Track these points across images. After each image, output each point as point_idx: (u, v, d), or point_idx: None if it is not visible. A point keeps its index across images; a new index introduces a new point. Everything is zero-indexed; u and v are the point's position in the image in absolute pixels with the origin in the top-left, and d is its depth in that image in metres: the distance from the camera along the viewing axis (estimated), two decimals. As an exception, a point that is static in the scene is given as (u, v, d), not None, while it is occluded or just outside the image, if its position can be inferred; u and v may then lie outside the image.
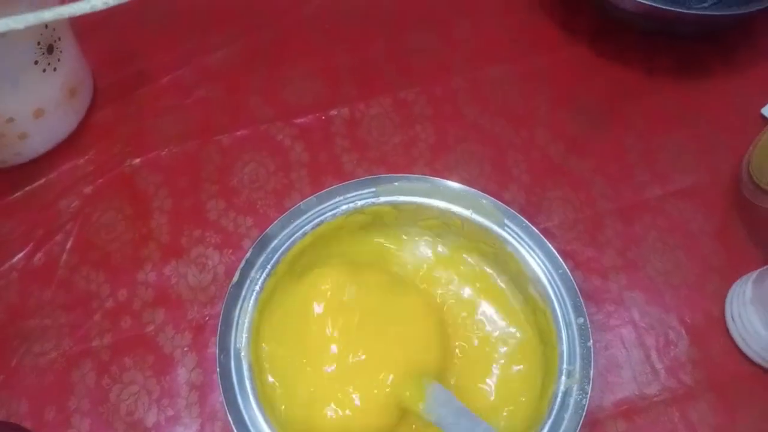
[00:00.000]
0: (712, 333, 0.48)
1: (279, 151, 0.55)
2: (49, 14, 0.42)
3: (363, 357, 0.37)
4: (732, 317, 0.47)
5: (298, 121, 0.56)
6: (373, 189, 0.43)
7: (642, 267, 0.50)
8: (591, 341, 0.40)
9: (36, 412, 0.45)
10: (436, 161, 0.54)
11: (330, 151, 0.55)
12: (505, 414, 0.40)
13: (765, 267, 0.46)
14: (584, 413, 0.35)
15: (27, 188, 0.53)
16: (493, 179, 0.53)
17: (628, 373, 0.47)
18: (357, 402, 0.36)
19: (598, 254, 0.51)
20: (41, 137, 0.53)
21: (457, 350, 0.42)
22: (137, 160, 0.55)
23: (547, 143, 0.56)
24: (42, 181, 0.54)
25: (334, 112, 0.57)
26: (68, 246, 0.51)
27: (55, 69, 0.50)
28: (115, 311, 0.49)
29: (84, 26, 0.54)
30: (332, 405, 0.36)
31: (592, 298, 0.49)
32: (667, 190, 0.53)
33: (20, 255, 0.51)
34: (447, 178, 0.47)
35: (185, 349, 0.47)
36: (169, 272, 0.50)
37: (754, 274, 0.47)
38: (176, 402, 0.45)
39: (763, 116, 0.56)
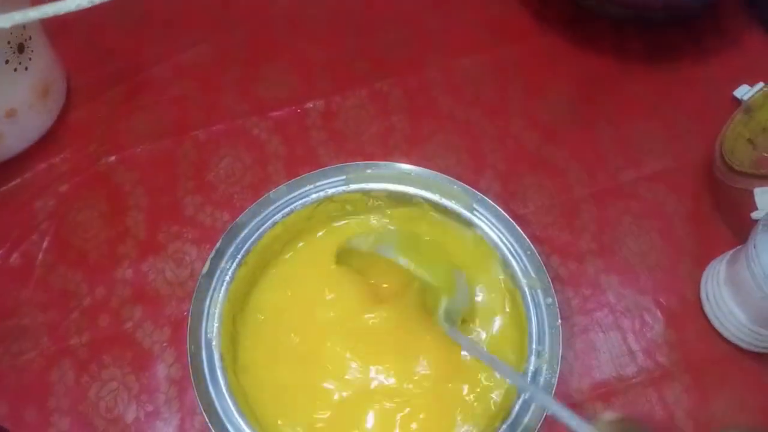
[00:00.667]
0: (688, 314, 0.49)
1: (255, 145, 0.55)
2: (34, 13, 0.42)
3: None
4: (707, 298, 0.48)
5: (274, 114, 0.56)
6: (343, 177, 0.43)
7: (617, 251, 0.51)
8: (559, 321, 0.40)
9: (16, 413, 0.45)
10: (412, 151, 0.55)
11: (306, 143, 0.55)
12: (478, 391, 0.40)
13: (738, 247, 0.46)
14: (553, 391, 0.36)
15: (2, 189, 0.53)
16: (469, 168, 0.54)
17: (606, 355, 0.47)
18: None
19: (573, 239, 0.51)
20: (15, 137, 0.52)
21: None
22: (113, 158, 0.55)
23: (522, 132, 0.56)
24: (17, 181, 0.53)
25: (309, 105, 0.57)
26: (45, 245, 0.51)
27: (26, 68, 0.50)
28: (93, 309, 0.49)
29: (56, 26, 0.54)
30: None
31: (568, 283, 0.49)
32: (641, 174, 0.54)
33: (-4, 255, 0.50)
34: (422, 167, 0.47)
35: (164, 344, 0.47)
36: (147, 268, 0.50)
37: (728, 255, 0.47)
38: (156, 397, 0.45)
39: (735, 98, 0.56)
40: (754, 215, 0.46)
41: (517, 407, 0.36)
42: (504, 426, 0.35)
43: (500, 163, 0.54)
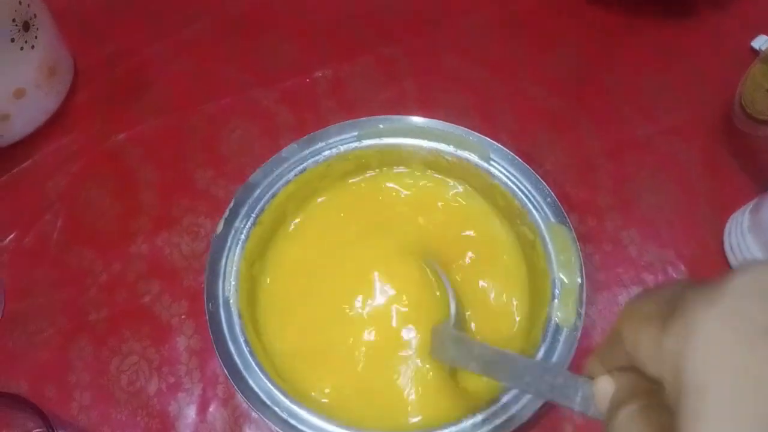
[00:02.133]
0: (711, 265, 0.48)
1: (264, 117, 0.54)
2: None
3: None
4: (731, 247, 0.47)
5: (282, 85, 0.56)
6: (356, 133, 0.42)
7: (636, 205, 0.50)
8: (583, 269, 0.39)
9: (36, 391, 0.45)
10: (423, 115, 0.54)
11: (316, 112, 0.54)
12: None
13: (761, 195, 0.45)
14: (578, 335, 0.35)
15: (13, 171, 0.53)
16: (482, 129, 0.52)
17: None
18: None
19: (591, 196, 0.50)
20: (23, 118, 0.52)
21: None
22: (121, 136, 0.54)
23: (533, 89, 0.55)
24: (28, 162, 0.53)
25: (318, 74, 0.56)
26: (58, 225, 0.51)
27: (33, 47, 0.50)
28: (109, 285, 0.48)
29: (58, 8, 0.54)
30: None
31: (589, 240, 0.48)
32: (657, 128, 0.53)
33: (11, 237, 0.50)
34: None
35: (182, 317, 0.47)
36: (162, 243, 0.50)
37: (751, 204, 0.46)
38: (177, 369, 0.45)
39: (752, 49, 0.55)
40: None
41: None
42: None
43: (513, 123, 0.53)
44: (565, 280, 0.36)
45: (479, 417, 0.32)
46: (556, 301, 0.35)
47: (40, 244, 0.50)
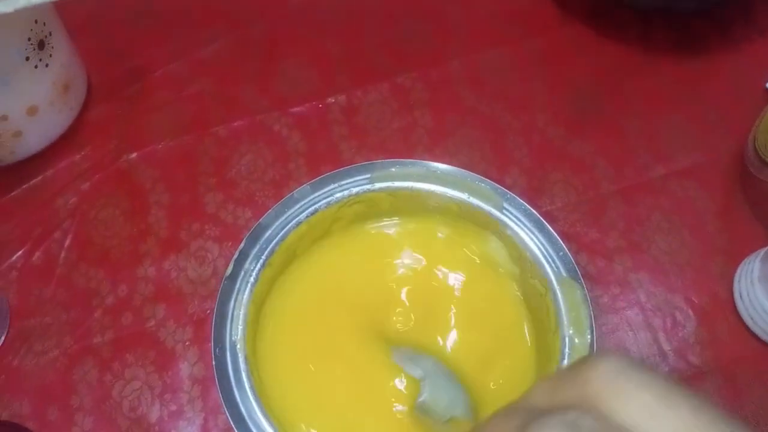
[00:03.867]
0: (720, 313, 0.47)
1: (276, 142, 0.54)
2: None
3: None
4: (740, 296, 0.46)
5: (295, 110, 0.56)
6: (368, 175, 0.42)
7: (647, 248, 0.50)
8: (593, 324, 0.38)
9: (39, 412, 0.45)
10: (435, 147, 0.54)
11: (328, 139, 0.54)
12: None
13: (772, 244, 0.45)
14: None
15: (24, 187, 0.53)
16: (494, 164, 0.53)
17: (636, 355, 0.46)
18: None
19: (602, 236, 0.50)
20: (36, 135, 0.52)
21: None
22: (133, 155, 0.54)
23: (547, 126, 0.55)
24: (38, 179, 0.53)
25: (331, 100, 0.56)
26: (67, 243, 0.51)
27: (47, 65, 0.50)
28: (115, 307, 0.48)
29: (75, 24, 0.54)
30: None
31: (597, 281, 0.48)
32: (670, 170, 0.53)
33: (19, 254, 0.50)
34: (447, 164, 0.46)
35: (187, 343, 0.47)
36: (169, 266, 0.49)
37: (762, 252, 0.46)
38: (179, 396, 0.45)
39: (766, 90, 0.55)
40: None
41: None
42: None
43: (525, 159, 0.53)
44: (576, 339, 0.36)
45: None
46: (566, 361, 0.35)
47: (48, 262, 0.50)
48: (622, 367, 0.19)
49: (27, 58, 0.48)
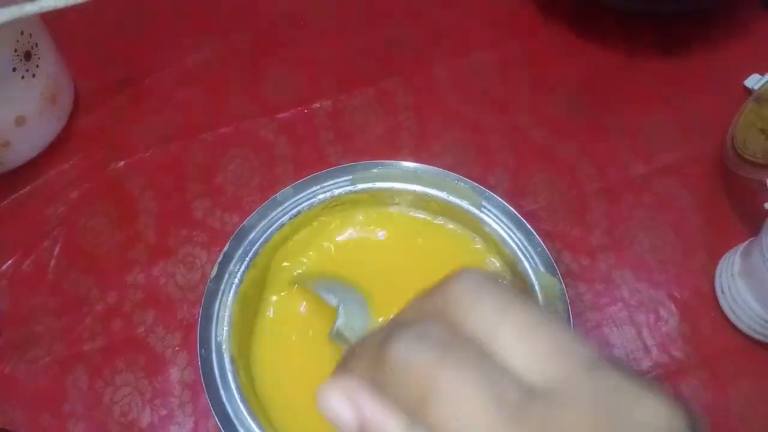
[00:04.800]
0: (702, 308, 0.48)
1: (263, 147, 0.55)
2: (31, 7, 0.42)
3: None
4: (722, 290, 0.47)
5: (281, 115, 0.56)
6: (350, 177, 0.43)
7: (629, 245, 0.50)
8: (571, 318, 0.39)
9: (31, 419, 0.45)
10: (420, 150, 0.54)
11: (314, 143, 0.55)
12: None
13: (752, 239, 0.46)
14: None
15: (13, 196, 0.53)
16: (478, 165, 0.53)
17: (620, 351, 0.47)
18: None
19: (585, 234, 0.51)
20: (24, 145, 0.53)
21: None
22: (121, 164, 0.55)
23: (530, 127, 0.56)
24: (28, 188, 0.54)
25: (316, 105, 0.57)
26: (56, 252, 0.51)
27: (33, 75, 0.50)
28: (105, 314, 0.49)
29: (62, 34, 0.54)
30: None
31: (581, 278, 0.49)
32: (652, 168, 0.53)
33: (9, 263, 0.51)
34: (431, 165, 0.47)
35: (176, 348, 0.47)
36: (158, 273, 0.50)
37: (742, 247, 0.47)
38: (169, 401, 0.45)
39: (745, 88, 0.55)
40: (768, 206, 0.46)
41: None
42: None
43: (509, 160, 0.54)
44: None
45: None
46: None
47: (38, 270, 0.51)
48: (476, 280, 0.20)
49: (14, 69, 0.48)
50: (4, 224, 0.52)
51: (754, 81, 0.55)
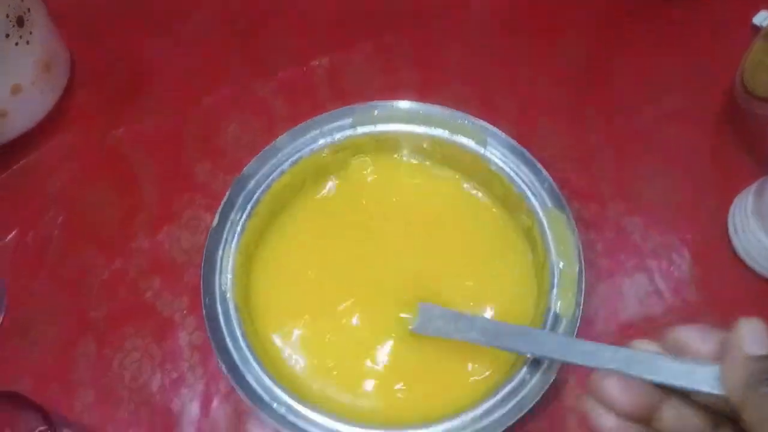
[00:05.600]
0: (716, 250, 0.47)
1: (262, 108, 0.54)
2: None
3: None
4: (735, 231, 0.46)
5: (279, 75, 0.55)
6: (350, 119, 0.42)
7: (640, 192, 0.49)
8: (582, 259, 0.38)
9: (40, 389, 0.45)
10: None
11: (314, 102, 0.54)
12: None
13: (764, 177, 0.45)
14: (578, 325, 0.34)
15: (13, 168, 0.53)
16: (481, 117, 0.52)
17: (632, 298, 0.46)
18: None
19: (594, 182, 0.50)
20: (22, 115, 0.52)
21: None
22: (120, 132, 0.54)
23: (535, 77, 0.54)
24: (27, 160, 0.53)
25: (314, 63, 0.56)
26: (59, 222, 0.51)
27: (27, 42, 0.49)
28: (111, 282, 0.48)
29: (57, 5, 0.53)
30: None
31: (591, 227, 0.48)
32: (661, 112, 0.52)
33: (12, 235, 0.50)
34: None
35: (184, 312, 0.47)
36: (162, 238, 0.49)
37: (754, 185, 0.46)
38: (179, 365, 0.45)
39: (754, 26, 0.54)
40: (780, 141, 0.45)
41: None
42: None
43: (513, 111, 0.53)
44: (564, 268, 0.35)
45: (479, 410, 0.32)
46: (555, 290, 0.34)
47: (42, 242, 0.50)
48: None
49: (7, 35, 0.47)
50: (4, 197, 0.52)
51: (762, 18, 0.53)
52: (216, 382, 0.44)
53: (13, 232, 0.50)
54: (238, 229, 0.37)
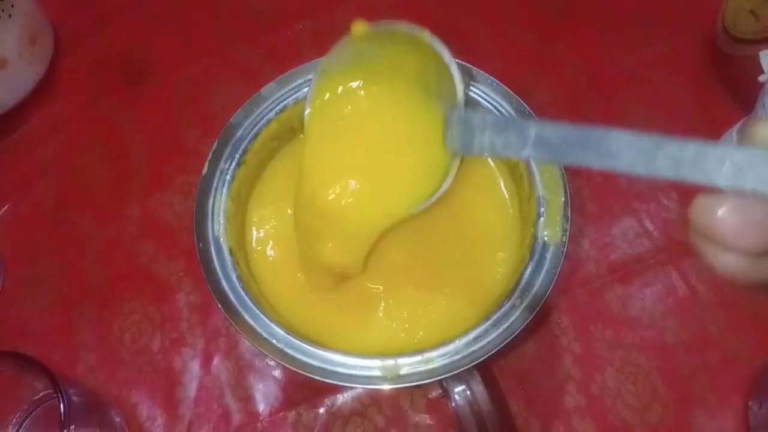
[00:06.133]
0: (702, 190, 0.48)
1: (247, 73, 0.54)
2: None
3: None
4: (719, 171, 0.47)
5: (264, 40, 0.56)
6: None
7: (625, 137, 0.50)
8: (569, 202, 0.38)
9: (43, 354, 0.45)
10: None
11: (300, 65, 0.54)
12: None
13: (747, 117, 0.45)
14: (565, 250, 0.35)
15: (2, 142, 0.53)
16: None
17: (622, 239, 0.47)
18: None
19: (579, 129, 0.50)
20: (8, 88, 0.52)
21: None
22: (108, 101, 0.54)
23: (517, 31, 0.55)
24: (17, 133, 0.54)
25: (298, 26, 0.56)
26: (52, 192, 0.51)
27: (10, 15, 0.49)
28: (106, 248, 0.49)
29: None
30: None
31: (578, 174, 0.49)
32: (643, 59, 0.53)
33: (6, 207, 0.51)
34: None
35: (180, 274, 0.47)
36: (155, 204, 0.50)
37: (738, 124, 0.46)
38: (178, 325, 0.46)
39: (733, -29, 0.54)
40: (761, 78, 0.45)
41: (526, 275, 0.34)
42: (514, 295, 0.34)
43: (498, 63, 0.53)
44: (549, 198, 0.36)
45: (471, 335, 0.32)
46: (542, 219, 0.35)
47: (36, 212, 0.51)
48: None
49: (-12, 9, 0.47)
50: (-2, 169, 0.52)
51: (741, -38, 0.54)
52: (215, 340, 0.45)
53: (8, 204, 0.51)
54: (228, 177, 0.37)
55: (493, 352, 0.31)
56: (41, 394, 0.43)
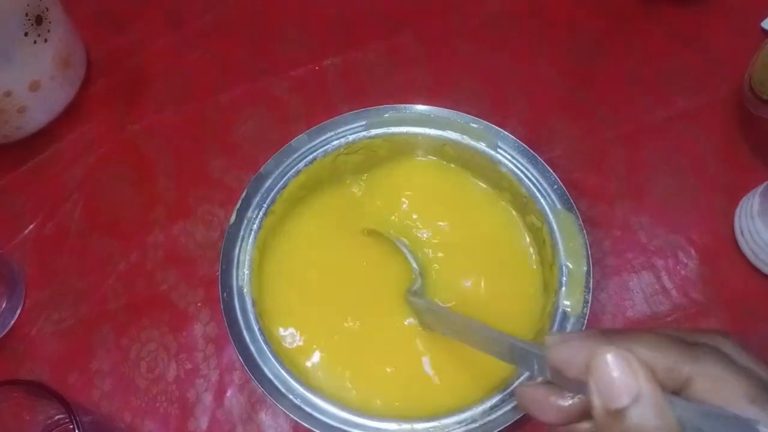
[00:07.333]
0: (722, 250, 0.48)
1: (276, 106, 0.55)
2: None
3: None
4: (741, 232, 0.47)
5: (293, 73, 0.56)
6: (364, 122, 0.43)
7: (648, 191, 0.50)
8: (590, 258, 0.39)
9: (59, 378, 0.46)
10: (433, 102, 0.54)
11: (327, 101, 0.55)
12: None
13: (771, 179, 0.45)
14: (585, 322, 0.35)
15: (33, 161, 0.54)
16: (494, 115, 0.52)
17: (639, 295, 0.47)
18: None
19: (603, 181, 0.50)
20: (40, 109, 0.53)
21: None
22: (137, 126, 0.55)
23: (547, 75, 0.55)
24: (46, 153, 0.54)
25: (327, 62, 0.56)
26: (77, 214, 0.52)
27: (45, 40, 0.50)
28: (128, 274, 0.49)
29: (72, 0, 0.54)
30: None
31: (599, 225, 0.49)
32: (670, 113, 0.53)
33: (31, 227, 0.52)
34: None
35: (198, 304, 0.48)
36: (178, 232, 0.51)
37: (761, 187, 0.46)
38: (194, 356, 0.46)
39: (763, 29, 0.55)
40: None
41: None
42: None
43: (525, 109, 0.54)
44: (573, 267, 0.36)
45: (488, 404, 0.33)
46: (563, 289, 0.35)
47: (60, 233, 0.51)
48: None
49: (26, 34, 0.48)
50: (24, 189, 0.53)
51: (771, 21, 0.54)
52: (230, 373, 0.45)
53: (33, 224, 0.52)
54: (255, 226, 0.38)
55: (509, 423, 0.31)
56: (56, 418, 0.44)
